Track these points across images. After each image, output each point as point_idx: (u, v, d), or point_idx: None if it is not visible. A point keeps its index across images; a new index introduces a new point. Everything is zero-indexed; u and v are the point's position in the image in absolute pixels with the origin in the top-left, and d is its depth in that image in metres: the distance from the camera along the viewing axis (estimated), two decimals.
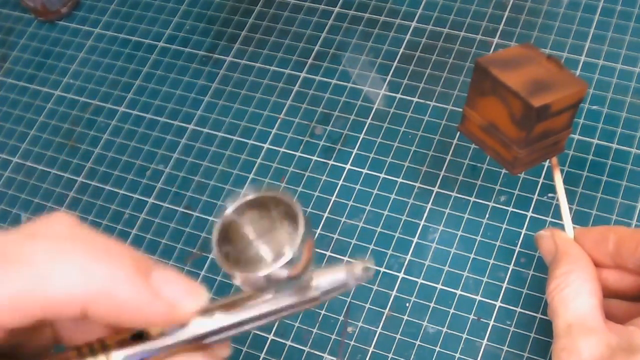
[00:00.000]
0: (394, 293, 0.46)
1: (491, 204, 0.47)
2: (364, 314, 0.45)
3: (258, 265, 0.22)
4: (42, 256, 0.22)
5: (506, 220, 0.47)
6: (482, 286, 0.45)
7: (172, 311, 0.23)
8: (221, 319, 0.24)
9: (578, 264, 0.35)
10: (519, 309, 0.44)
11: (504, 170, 0.48)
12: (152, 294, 0.23)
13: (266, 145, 0.53)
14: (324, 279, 0.25)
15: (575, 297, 0.34)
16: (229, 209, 0.23)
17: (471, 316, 0.44)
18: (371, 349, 0.44)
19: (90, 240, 0.23)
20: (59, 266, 0.22)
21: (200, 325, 0.24)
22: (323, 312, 0.46)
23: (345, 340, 0.45)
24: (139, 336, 0.24)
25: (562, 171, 0.47)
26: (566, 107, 0.36)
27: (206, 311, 0.24)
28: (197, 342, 0.24)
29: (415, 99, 0.52)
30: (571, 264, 0.35)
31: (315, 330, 0.45)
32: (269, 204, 0.23)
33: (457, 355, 0.43)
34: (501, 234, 0.46)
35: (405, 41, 0.55)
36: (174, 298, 0.23)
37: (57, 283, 0.22)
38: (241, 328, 0.25)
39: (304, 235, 0.22)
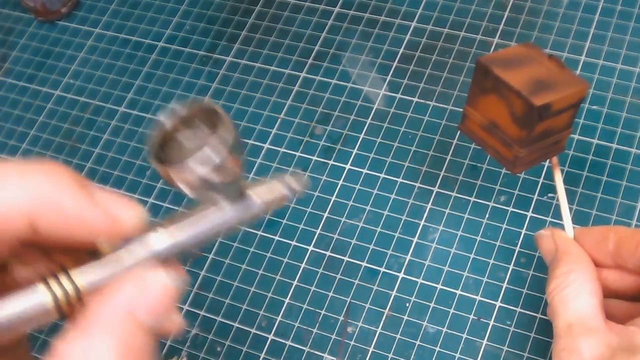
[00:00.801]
0: (394, 293, 0.46)
1: (491, 204, 0.47)
2: (364, 314, 0.45)
3: (192, 170, 0.24)
4: None
5: (506, 220, 0.47)
6: (482, 286, 0.45)
7: (116, 220, 0.24)
8: (176, 234, 0.25)
9: (578, 263, 0.35)
10: (519, 309, 0.44)
11: (504, 170, 0.48)
12: (95, 204, 0.24)
13: (266, 145, 0.53)
14: (261, 189, 0.27)
15: (575, 297, 0.34)
16: (167, 122, 0.25)
17: (471, 316, 0.44)
18: (371, 349, 0.44)
19: (29, 162, 0.24)
20: (1, 183, 0.23)
21: (157, 241, 0.25)
22: (323, 312, 0.46)
23: (345, 340, 0.45)
24: (96, 256, 0.25)
25: (562, 171, 0.47)
26: (567, 107, 0.36)
27: (153, 226, 0.25)
28: (156, 261, 0.25)
29: (415, 99, 0.52)
30: (571, 263, 0.35)
31: (315, 330, 0.45)
32: (200, 116, 0.25)
33: (457, 355, 0.43)
34: (501, 234, 0.46)
35: (405, 41, 0.55)
36: (115, 210, 0.24)
37: (1, 198, 0.23)
38: (195, 243, 0.26)
39: (226, 139, 0.24)
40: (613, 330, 0.33)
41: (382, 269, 0.46)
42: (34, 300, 0.23)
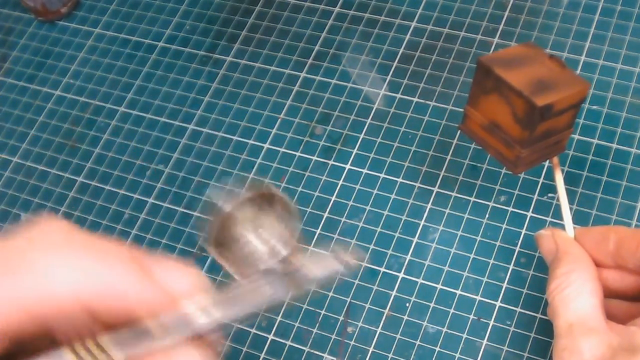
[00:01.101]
0: (394, 293, 0.46)
1: (491, 204, 0.47)
2: (364, 314, 0.45)
3: (253, 262, 0.23)
4: (42, 261, 0.22)
5: (506, 220, 0.47)
6: (482, 286, 0.45)
7: (173, 299, 0.24)
8: (219, 314, 0.24)
9: (579, 263, 0.35)
10: (519, 309, 0.44)
11: (504, 170, 0.48)
12: (151, 284, 0.23)
13: (266, 145, 0.53)
14: (314, 264, 0.26)
15: (576, 297, 0.33)
16: (226, 205, 0.24)
17: (471, 316, 0.44)
18: (371, 349, 0.44)
19: (87, 242, 0.23)
20: (59, 267, 0.22)
21: (198, 320, 0.24)
22: (323, 312, 0.46)
23: (345, 340, 0.45)
24: (136, 329, 0.24)
25: (562, 171, 0.47)
26: (569, 107, 0.36)
27: (204, 308, 0.24)
28: (195, 338, 0.24)
29: (415, 99, 0.52)
30: (572, 263, 0.35)
31: (315, 330, 0.45)
32: (261, 200, 0.24)
33: (457, 355, 0.43)
34: (501, 234, 0.46)
35: (405, 41, 0.55)
36: (174, 285, 0.24)
37: (58, 282, 0.22)
38: (238, 320, 0.25)
39: (297, 230, 0.23)
40: (614, 330, 0.32)
41: (382, 269, 0.46)
42: None
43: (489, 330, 0.44)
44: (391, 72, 0.54)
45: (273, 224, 0.23)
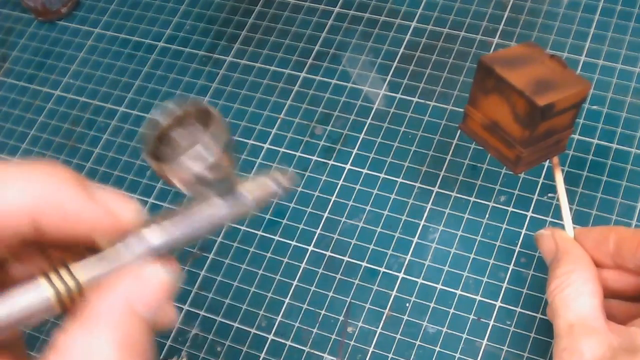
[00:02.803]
0: (394, 293, 0.46)
1: (491, 204, 0.47)
2: (364, 314, 0.45)
3: (186, 168, 0.25)
4: None
5: (506, 220, 0.47)
6: (482, 286, 0.45)
7: (116, 218, 0.25)
8: (171, 230, 0.26)
9: (579, 263, 0.35)
10: (519, 309, 0.44)
11: (504, 170, 0.48)
12: (95, 203, 0.24)
13: (266, 145, 0.53)
14: (251, 185, 0.28)
15: (576, 297, 0.33)
16: (162, 119, 0.26)
17: (471, 316, 0.44)
18: (371, 349, 0.44)
19: (29, 162, 0.24)
20: (4, 184, 0.23)
21: (153, 237, 0.25)
22: (323, 312, 0.46)
23: (345, 340, 0.45)
24: (92, 251, 0.25)
25: (562, 171, 0.47)
26: (570, 107, 0.36)
27: (149, 223, 0.26)
28: (153, 256, 0.26)
29: (415, 99, 0.52)
30: (572, 263, 0.35)
31: (315, 330, 0.45)
32: (194, 116, 0.26)
33: (457, 355, 0.43)
34: (501, 234, 0.46)
35: (405, 41, 0.55)
36: (114, 207, 0.25)
37: (4, 198, 0.23)
38: (189, 239, 0.26)
39: (219, 137, 0.25)
40: (614, 330, 0.32)
41: (382, 269, 0.46)
42: (36, 294, 0.24)
43: (489, 330, 0.44)
44: (391, 72, 0.54)
45: (205, 136, 0.25)
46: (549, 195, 0.47)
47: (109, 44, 0.60)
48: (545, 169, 0.48)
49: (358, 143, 0.51)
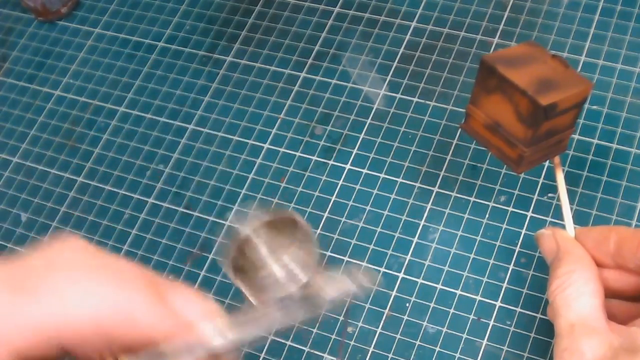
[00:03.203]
0: (394, 293, 0.46)
1: (491, 204, 0.47)
2: (364, 314, 0.45)
3: (271, 287, 0.23)
4: (60, 285, 0.22)
5: (506, 220, 0.47)
6: (482, 286, 0.45)
7: (189, 331, 0.24)
8: (233, 336, 0.24)
9: (581, 263, 0.35)
10: (519, 309, 0.44)
11: (504, 170, 0.48)
12: (168, 313, 0.23)
13: (266, 145, 0.53)
14: (332, 291, 0.25)
15: (578, 297, 0.33)
16: (245, 228, 0.24)
17: (471, 316, 0.44)
18: (371, 349, 0.44)
19: (104, 266, 0.23)
20: (77, 293, 0.22)
21: (212, 342, 0.24)
22: (323, 312, 0.46)
23: (345, 340, 0.45)
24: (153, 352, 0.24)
25: (562, 171, 0.47)
26: (572, 106, 0.36)
27: (218, 330, 0.24)
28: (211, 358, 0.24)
29: (415, 99, 0.52)
30: (574, 263, 0.35)
31: (315, 330, 0.45)
32: (279, 224, 0.24)
33: (457, 355, 0.43)
34: (501, 234, 0.46)
35: (405, 41, 0.55)
36: (190, 315, 0.24)
37: (76, 308, 0.22)
38: (254, 337, 0.25)
39: (317, 257, 0.23)
40: (615, 330, 0.32)
41: (382, 269, 0.46)
42: None
43: (489, 330, 0.44)
44: (391, 72, 0.54)
45: (292, 249, 0.23)
46: (549, 195, 0.47)
47: (109, 44, 0.60)
48: (545, 169, 0.48)
49: (358, 143, 0.51)
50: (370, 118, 0.52)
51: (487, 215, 0.47)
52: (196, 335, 0.24)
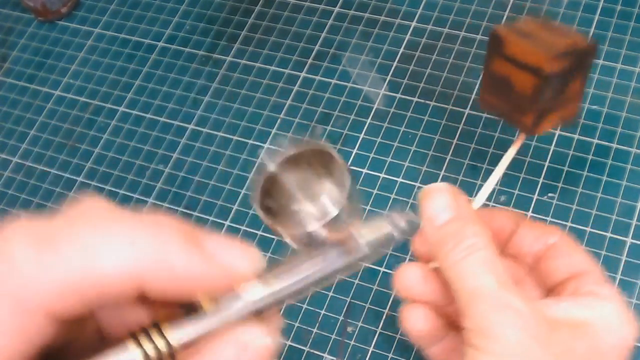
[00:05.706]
0: (394, 293, 0.46)
1: (491, 204, 0.47)
2: (364, 314, 0.45)
3: (302, 223, 0.22)
4: (89, 237, 0.21)
5: None
6: None
7: (229, 276, 0.22)
8: (275, 286, 0.23)
9: (487, 229, 0.30)
10: None
11: (504, 171, 0.48)
12: (207, 260, 0.22)
13: (266, 145, 0.53)
14: (370, 235, 0.24)
15: (496, 260, 0.28)
16: (271, 164, 0.22)
17: None
18: (371, 349, 0.44)
19: (132, 217, 0.22)
20: (108, 245, 0.21)
21: (254, 295, 0.23)
22: (323, 312, 0.46)
23: (345, 340, 0.45)
24: (191, 310, 0.22)
25: (562, 171, 0.47)
26: (582, 52, 0.35)
27: (259, 279, 0.23)
28: (254, 315, 0.23)
29: (415, 99, 0.52)
30: (482, 225, 0.30)
31: (315, 330, 0.45)
32: (310, 157, 0.23)
33: None
34: None
35: (405, 41, 0.55)
36: (230, 262, 0.22)
37: (108, 261, 0.20)
38: (296, 294, 0.24)
39: (350, 191, 0.21)
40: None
41: (382, 269, 0.46)
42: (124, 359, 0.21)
43: None
44: (391, 72, 0.54)
45: (324, 183, 0.22)
46: (549, 195, 0.47)
47: (109, 44, 0.60)
48: (545, 169, 0.48)
49: (358, 143, 0.51)
50: (370, 118, 0.52)
51: None
52: (236, 290, 0.22)
